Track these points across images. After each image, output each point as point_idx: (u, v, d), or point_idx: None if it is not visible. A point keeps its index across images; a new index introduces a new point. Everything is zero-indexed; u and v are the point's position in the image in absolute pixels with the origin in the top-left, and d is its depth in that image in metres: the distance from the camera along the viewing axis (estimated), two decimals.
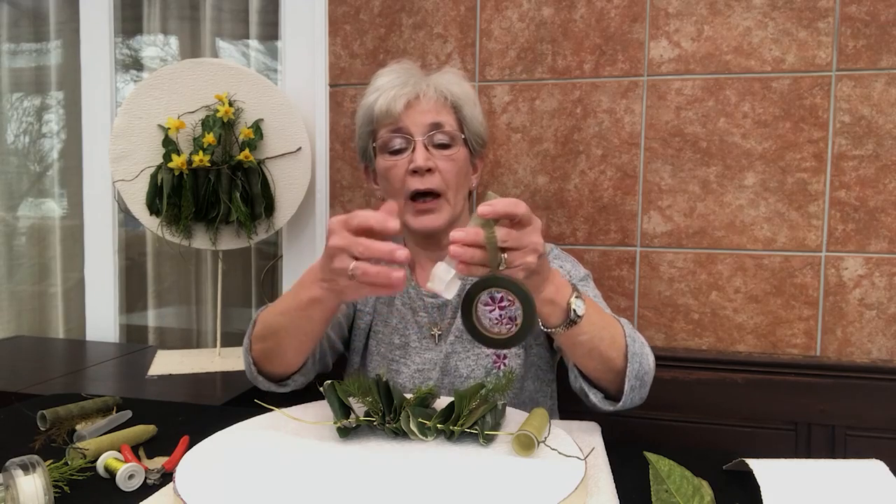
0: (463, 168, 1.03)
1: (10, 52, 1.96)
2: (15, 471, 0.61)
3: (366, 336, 1.11)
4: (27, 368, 1.47)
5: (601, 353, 0.82)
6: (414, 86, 1.01)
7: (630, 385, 0.83)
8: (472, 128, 1.05)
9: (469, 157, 1.06)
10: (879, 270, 1.27)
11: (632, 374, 0.83)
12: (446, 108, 1.03)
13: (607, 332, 0.83)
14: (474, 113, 1.05)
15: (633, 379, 0.83)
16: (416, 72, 1.06)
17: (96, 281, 1.79)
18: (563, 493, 0.60)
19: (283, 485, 0.63)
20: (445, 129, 1.01)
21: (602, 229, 1.39)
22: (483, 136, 1.08)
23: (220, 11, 1.76)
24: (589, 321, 0.79)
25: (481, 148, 1.09)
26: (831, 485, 0.67)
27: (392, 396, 0.77)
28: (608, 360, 0.83)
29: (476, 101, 1.07)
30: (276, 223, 1.48)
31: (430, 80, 1.04)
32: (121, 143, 1.44)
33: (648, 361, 0.86)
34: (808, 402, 1.25)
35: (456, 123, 1.03)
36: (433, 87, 1.02)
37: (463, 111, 1.04)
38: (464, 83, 1.06)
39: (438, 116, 1.01)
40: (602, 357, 0.83)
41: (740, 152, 1.31)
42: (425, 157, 0.98)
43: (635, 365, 0.83)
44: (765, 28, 1.29)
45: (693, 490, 0.67)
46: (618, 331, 0.84)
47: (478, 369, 1.02)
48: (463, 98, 1.04)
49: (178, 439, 0.81)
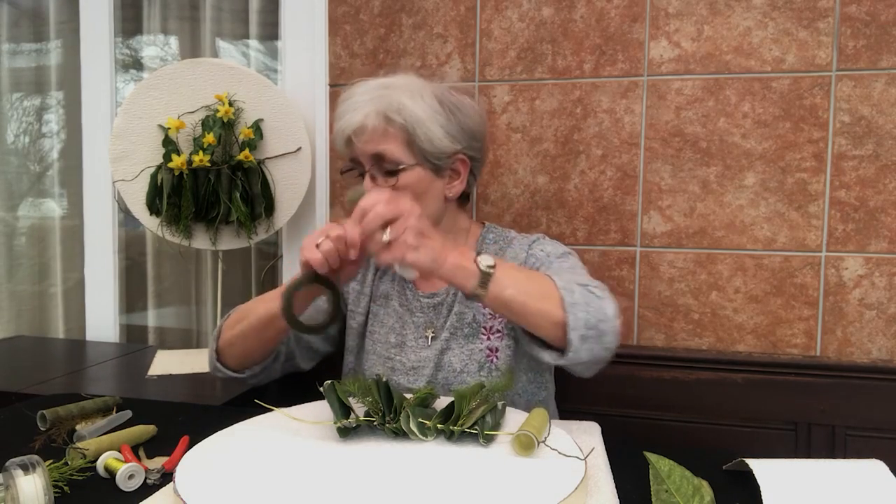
0: (416, 191, 1.00)
1: (10, 52, 1.96)
2: (15, 471, 0.61)
3: (359, 336, 1.13)
4: (27, 368, 1.47)
5: (533, 308, 0.84)
6: (362, 114, 0.99)
7: (579, 335, 0.83)
8: (427, 147, 1.00)
9: (433, 173, 1.03)
10: (879, 270, 1.27)
11: (576, 324, 0.83)
12: (390, 134, 0.99)
13: (534, 285, 0.85)
14: (430, 130, 1.00)
15: (581, 328, 0.83)
16: (370, 92, 1.01)
17: (96, 281, 1.79)
18: (563, 493, 0.60)
19: (283, 485, 0.63)
20: (387, 159, 0.99)
21: (602, 229, 1.39)
22: (444, 151, 1.02)
23: (220, 11, 1.76)
24: (505, 275, 0.83)
25: (448, 160, 1.03)
26: (831, 485, 0.67)
27: (392, 396, 0.77)
28: (544, 313, 0.84)
29: (436, 113, 1.01)
30: (276, 223, 1.48)
31: (379, 103, 0.99)
32: (121, 143, 1.44)
33: (600, 310, 0.86)
34: (808, 402, 1.26)
35: (403, 148, 1.00)
36: (378, 114, 0.99)
37: (415, 133, 0.99)
38: (419, 98, 1.00)
39: (380, 146, 0.99)
40: (537, 311, 0.84)
41: (740, 152, 1.31)
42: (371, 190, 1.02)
43: (579, 314, 0.83)
44: (765, 28, 1.29)
45: (693, 490, 0.67)
46: (547, 283, 0.86)
47: (471, 363, 1.04)
48: (414, 119, 0.99)
49: (178, 439, 0.81)
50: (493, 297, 0.83)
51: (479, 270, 0.83)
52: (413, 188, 1.00)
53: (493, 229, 1.14)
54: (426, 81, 1.05)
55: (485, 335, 1.05)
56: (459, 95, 1.07)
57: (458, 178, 1.07)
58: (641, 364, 1.33)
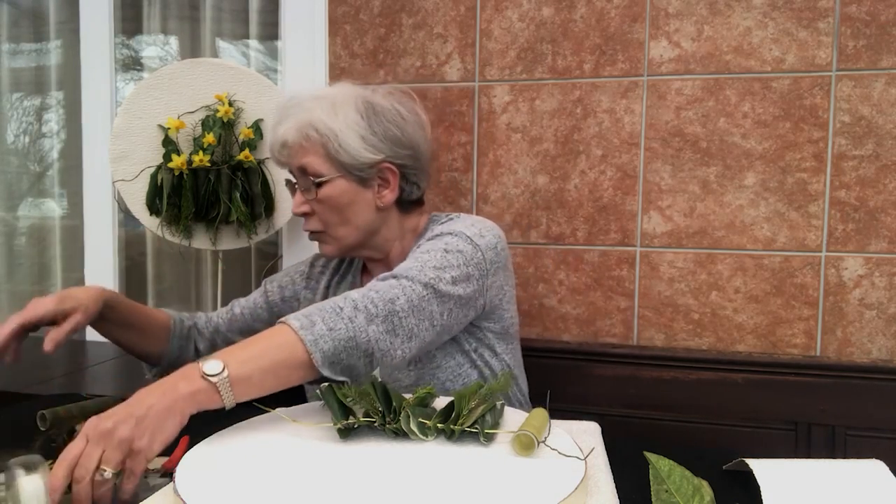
0: (340, 202, 1.02)
1: (10, 52, 1.96)
2: (17, 470, 0.61)
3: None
4: (27, 368, 1.47)
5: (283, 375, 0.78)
6: (284, 129, 1.02)
7: (328, 365, 0.79)
8: (346, 159, 1.00)
9: (357, 184, 1.03)
10: (879, 270, 1.27)
11: (323, 360, 0.78)
12: (310, 146, 1.01)
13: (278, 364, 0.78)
14: (347, 143, 1.00)
15: (329, 360, 0.79)
16: (291, 108, 1.03)
17: (96, 281, 1.79)
18: (563, 493, 0.60)
19: (283, 485, 0.63)
20: (309, 172, 1.02)
21: (602, 229, 1.39)
22: (366, 161, 1.01)
23: (220, 11, 1.76)
24: (238, 365, 0.74)
25: (371, 170, 1.02)
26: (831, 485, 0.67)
27: (390, 397, 0.78)
28: (294, 368, 0.79)
29: (354, 125, 1.01)
30: (276, 223, 1.48)
31: (296, 119, 1.01)
32: (121, 143, 1.44)
33: (346, 324, 0.81)
34: (808, 402, 1.26)
35: (323, 161, 1.01)
36: (295, 128, 1.01)
37: (330, 145, 1.00)
38: (335, 111, 1.01)
39: (302, 159, 1.02)
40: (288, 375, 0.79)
41: (740, 152, 1.31)
42: (298, 203, 1.05)
43: (325, 346, 0.78)
44: (765, 28, 1.29)
45: (693, 490, 0.67)
46: (282, 336, 0.79)
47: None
48: (329, 132, 1.00)
49: (178, 439, 0.81)
50: (242, 393, 0.76)
51: (213, 383, 0.73)
52: (336, 199, 1.02)
53: (433, 218, 1.12)
54: (356, 90, 1.05)
55: None
56: (393, 103, 1.05)
57: (387, 187, 1.05)
58: (641, 364, 1.33)
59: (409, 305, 0.88)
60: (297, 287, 1.20)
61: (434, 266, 0.92)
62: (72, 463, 0.64)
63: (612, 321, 1.39)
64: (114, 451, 0.65)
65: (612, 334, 1.40)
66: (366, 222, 1.05)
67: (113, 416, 0.67)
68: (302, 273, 1.21)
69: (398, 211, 1.09)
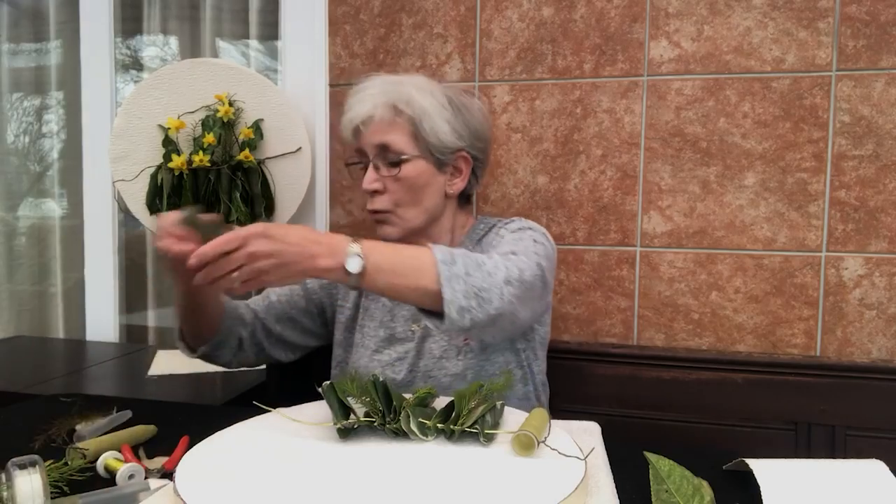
0: (417, 183, 1.04)
1: (10, 52, 1.96)
2: (13, 470, 0.61)
3: (347, 329, 1.16)
4: (27, 368, 1.47)
5: (412, 288, 0.83)
6: (370, 105, 1.03)
7: (457, 306, 0.81)
8: (433, 140, 1.04)
9: (435, 168, 1.06)
10: (879, 270, 1.27)
11: (453, 296, 0.81)
12: (398, 125, 1.03)
13: (408, 267, 0.83)
14: (435, 125, 1.03)
15: (459, 300, 0.81)
16: (380, 86, 1.05)
17: (96, 281, 1.79)
18: (563, 493, 0.60)
19: (283, 485, 0.63)
20: (392, 150, 1.03)
21: (602, 229, 1.39)
22: (449, 146, 1.05)
23: (220, 11, 1.76)
24: (377, 267, 0.81)
25: (451, 156, 1.07)
26: (831, 485, 0.67)
27: (391, 397, 0.78)
28: (419, 289, 0.83)
29: (443, 109, 1.04)
30: (276, 223, 1.48)
31: (389, 95, 1.04)
32: (121, 143, 1.44)
33: (485, 277, 0.84)
34: (808, 402, 1.25)
35: (408, 140, 1.03)
36: (386, 105, 1.03)
37: (421, 125, 1.03)
38: (427, 94, 1.04)
39: (386, 136, 1.03)
40: (417, 291, 0.83)
41: (740, 152, 1.31)
42: (371, 180, 1.04)
43: (456, 287, 0.81)
44: (765, 28, 1.29)
45: (693, 490, 0.67)
46: (423, 258, 0.83)
47: (450, 348, 1.05)
48: (422, 111, 1.03)
49: (178, 439, 0.81)
50: (366, 285, 0.83)
51: (347, 273, 0.81)
52: (414, 180, 1.04)
53: (483, 220, 1.15)
54: (433, 81, 1.09)
55: None
56: (468, 97, 1.11)
57: (459, 176, 1.10)
58: (641, 364, 1.33)
59: (531, 281, 0.91)
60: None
61: (536, 252, 0.96)
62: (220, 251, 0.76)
63: (612, 321, 1.39)
64: (248, 272, 0.77)
65: (612, 334, 1.40)
66: (433, 207, 1.08)
67: (270, 246, 0.78)
68: None
69: (456, 203, 1.13)
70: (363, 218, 1.51)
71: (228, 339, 1.09)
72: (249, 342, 1.12)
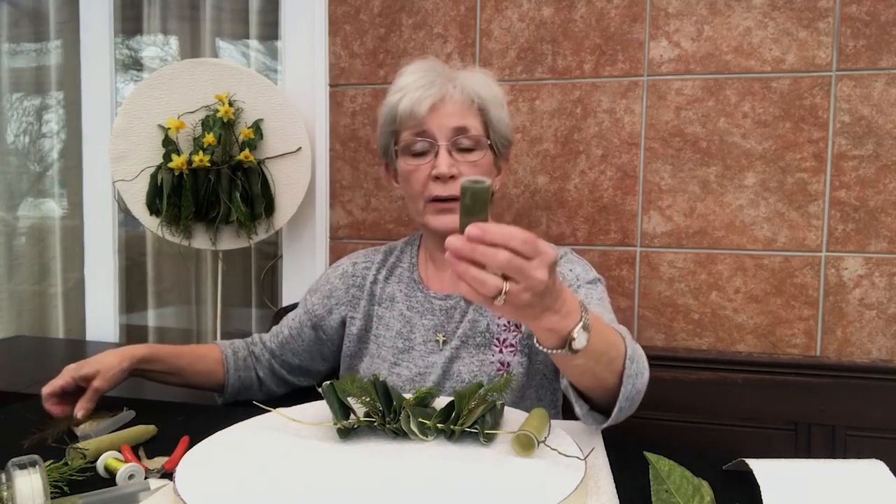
0: (486, 172, 1.00)
1: (10, 52, 1.96)
2: (14, 470, 0.61)
3: (359, 340, 1.09)
4: (27, 368, 1.47)
5: (595, 375, 0.75)
6: (440, 87, 0.98)
7: (619, 406, 0.76)
8: (497, 131, 1.02)
9: (494, 160, 1.04)
10: (879, 270, 1.27)
11: (624, 396, 0.75)
12: (472, 111, 0.99)
13: (607, 355, 0.73)
14: (501, 115, 1.02)
15: (623, 401, 0.75)
16: (443, 71, 1.02)
17: (96, 281, 1.79)
18: (563, 493, 0.60)
19: (283, 485, 0.63)
20: (470, 134, 0.98)
21: (602, 229, 1.38)
22: (508, 138, 1.05)
23: (220, 11, 1.76)
24: (587, 350, 0.68)
25: (506, 150, 1.06)
26: (831, 485, 0.67)
27: (391, 396, 0.77)
28: (602, 380, 0.75)
29: (503, 103, 1.04)
30: (276, 223, 1.48)
31: (457, 81, 1.00)
32: (121, 143, 1.44)
33: (643, 380, 0.79)
34: (808, 402, 1.25)
35: (481, 127, 1.00)
36: (460, 89, 0.99)
37: (489, 114, 1.00)
38: (492, 84, 1.03)
39: (463, 120, 0.98)
40: (596, 378, 0.75)
41: (740, 152, 1.31)
42: (449, 164, 0.96)
43: (629, 386, 0.75)
44: (765, 28, 1.29)
45: (693, 490, 0.67)
46: (618, 352, 0.75)
47: (481, 375, 0.98)
48: (490, 100, 1.00)
49: (178, 439, 0.81)
50: (560, 360, 0.71)
51: (564, 345, 0.67)
52: (486, 167, 1.00)
53: None
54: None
55: (497, 347, 0.99)
56: None
57: (499, 174, 1.07)
58: None
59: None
60: (337, 294, 1.11)
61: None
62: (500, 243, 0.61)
63: None
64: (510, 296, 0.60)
65: None
66: None
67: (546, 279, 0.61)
68: (343, 273, 1.12)
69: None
70: (363, 218, 1.51)
71: (246, 384, 1.12)
72: (270, 379, 1.13)
